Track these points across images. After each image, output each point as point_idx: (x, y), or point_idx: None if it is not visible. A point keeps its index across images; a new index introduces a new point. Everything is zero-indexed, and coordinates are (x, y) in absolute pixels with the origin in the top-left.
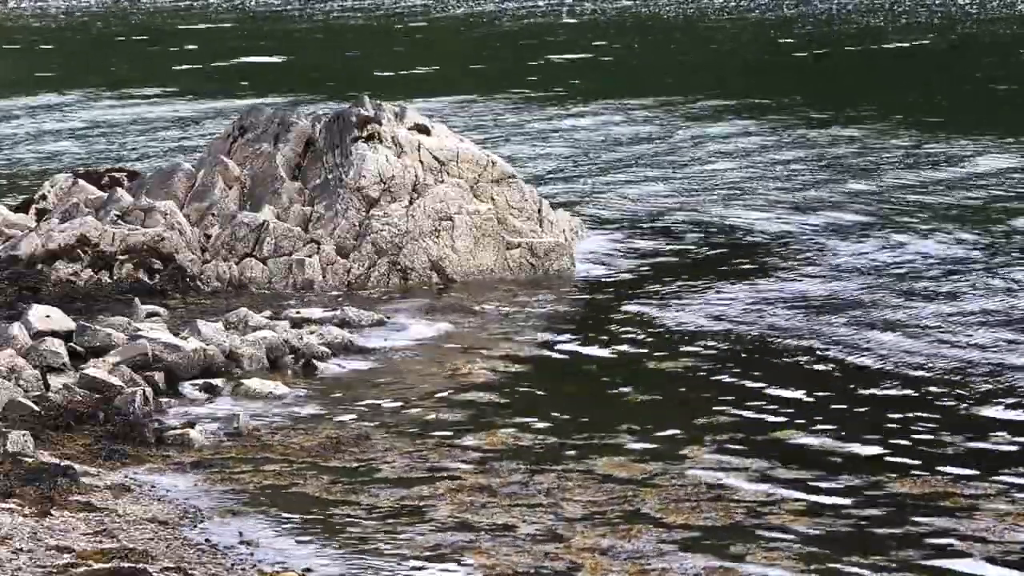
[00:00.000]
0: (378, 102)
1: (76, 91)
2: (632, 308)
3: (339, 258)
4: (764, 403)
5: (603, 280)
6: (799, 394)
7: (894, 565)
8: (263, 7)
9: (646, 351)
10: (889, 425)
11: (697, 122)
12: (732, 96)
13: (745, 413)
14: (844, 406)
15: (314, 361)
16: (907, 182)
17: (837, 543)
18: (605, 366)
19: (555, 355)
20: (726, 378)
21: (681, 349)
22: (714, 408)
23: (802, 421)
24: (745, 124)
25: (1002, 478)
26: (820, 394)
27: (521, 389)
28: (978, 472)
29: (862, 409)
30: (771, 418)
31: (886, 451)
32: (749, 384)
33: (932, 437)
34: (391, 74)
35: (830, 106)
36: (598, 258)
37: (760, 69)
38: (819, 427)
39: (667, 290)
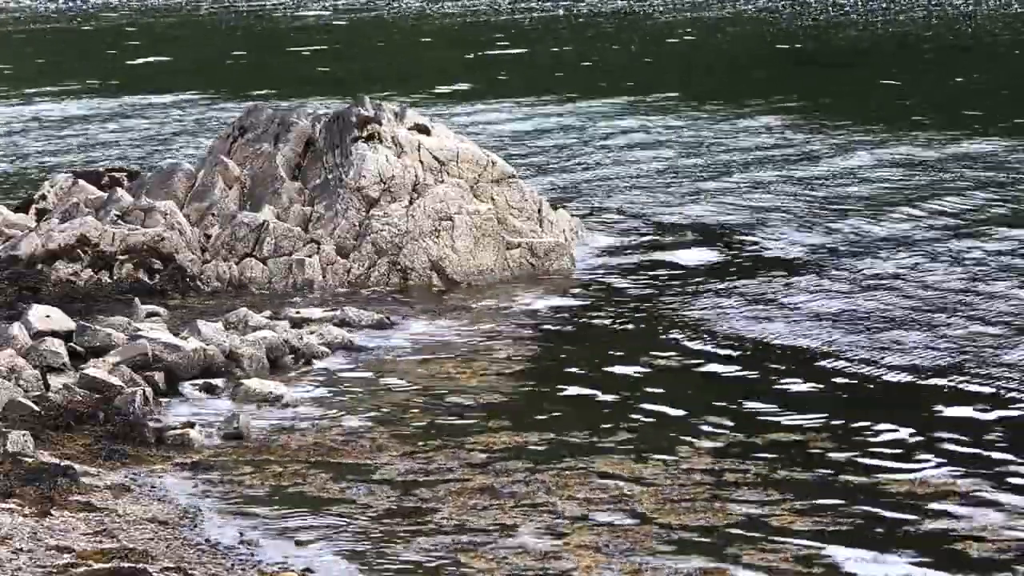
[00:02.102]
0: (378, 102)
1: (76, 91)
2: (632, 308)
3: (339, 258)
4: (762, 403)
5: (603, 280)
6: (798, 394)
7: (892, 564)
8: (254, 7)
9: (646, 351)
10: (887, 424)
11: (697, 122)
12: (732, 96)
13: (743, 413)
14: (842, 406)
15: (314, 361)
16: (907, 181)
17: (835, 543)
18: (604, 366)
19: (555, 355)
20: (725, 378)
21: (681, 349)
22: (712, 408)
23: (800, 421)
24: (745, 125)
25: (1000, 477)
26: (818, 394)
27: (520, 389)
28: (976, 471)
29: (860, 409)
30: (769, 418)
31: (883, 450)
32: (748, 384)
33: (930, 436)
34: (389, 73)
35: (830, 106)
36: (598, 258)
37: (759, 69)
38: (817, 427)
39: (667, 290)
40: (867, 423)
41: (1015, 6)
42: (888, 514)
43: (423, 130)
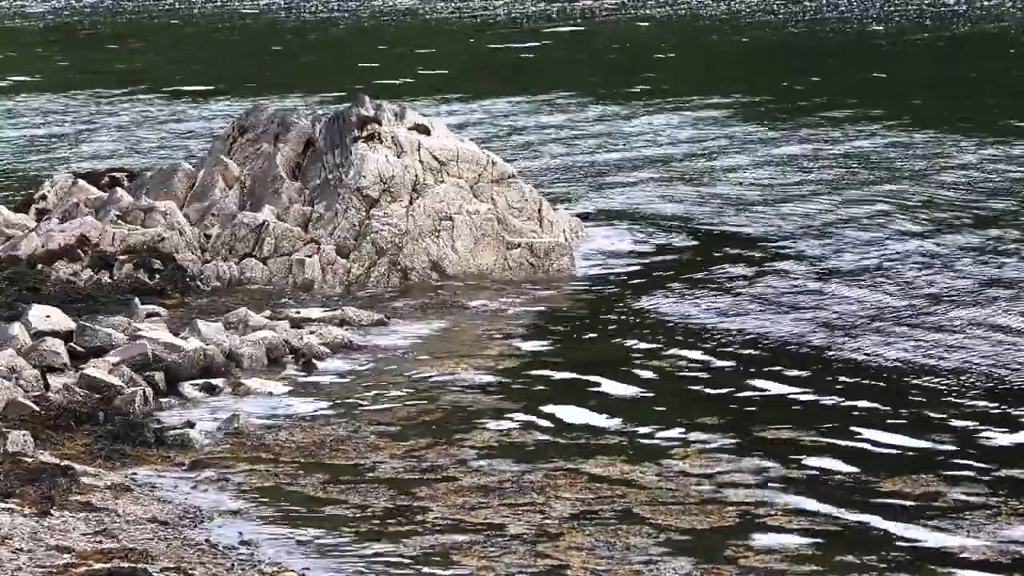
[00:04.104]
0: (378, 102)
1: (75, 90)
2: (631, 308)
3: (339, 258)
4: (758, 403)
5: (603, 280)
6: (794, 395)
7: (886, 566)
8: (248, 7)
9: (644, 351)
10: (881, 425)
11: (696, 122)
12: (730, 96)
13: (739, 413)
14: (838, 406)
15: (314, 361)
16: (905, 182)
17: (829, 544)
18: (602, 366)
19: (553, 355)
20: (721, 378)
21: (679, 349)
22: (708, 408)
23: (796, 422)
24: (744, 124)
25: (995, 478)
26: (814, 394)
27: (518, 389)
28: (971, 472)
29: (855, 409)
30: (765, 418)
31: (878, 451)
32: (744, 384)
33: (924, 436)
34: (387, 73)
35: (827, 106)
36: (598, 258)
37: (757, 70)
38: (812, 428)
39: (666, 290)
40: (863, 422)
41: (1008, 4)
42: (883, 514)
43: (423, 130)
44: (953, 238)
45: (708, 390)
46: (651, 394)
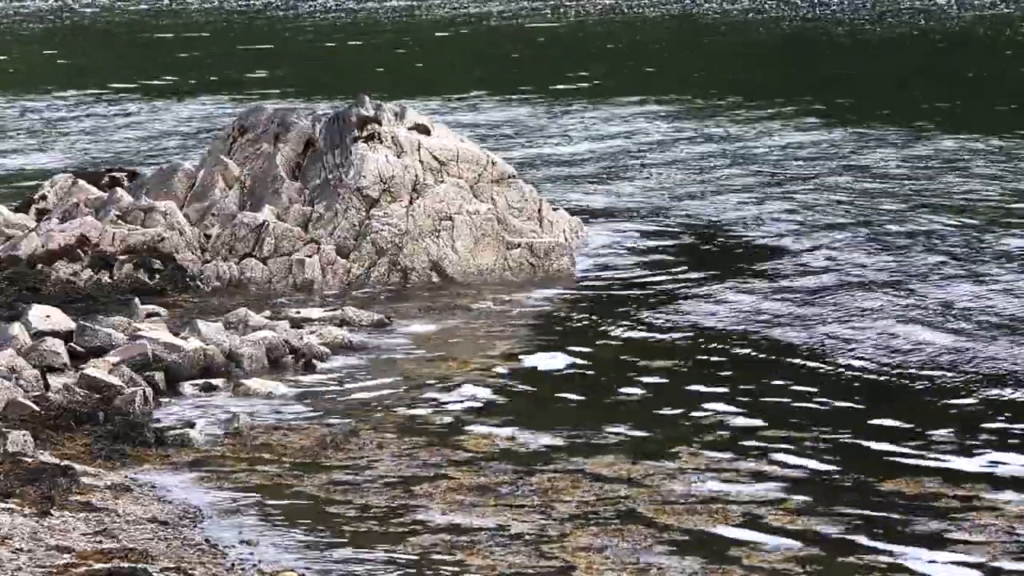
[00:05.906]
0: (378, 102)
1: (76, 90)
2: (631, 308)
3: (339, 258)
4: (759, 403)
5: (603, 280)
6: (794, 395)
7: (887, 566)
8: (245, 7)
9: (644, 351)
10: (882, 425)
11: (696, 122)
12: (728, 96)
13: (740, 413)
14: (839, 407)
15: (314, 361)
16: (904, 182)
17: (831, 544)
18: (602, 366)
19: (553, 355)
20: (722, 378)
21: (679, 350)
22: (709, 409)
23: (796, 422)
24: (742, 124)
25: (996, 478)
26: (815, 395)
27: (518, 389)
28: (971, 472)
29: (856, 409)
30: (766, 419)
31: (879, 451)
32: (745, 385)
33: (924, 437)
34: (386, 72)
35: (824, 106)
36: (598, 258)
37: (755, 70)
38: (813, 428)
39: (666, 291)
40: (864, 422)
41: (1001, 6)
42: (886, 513)
43: (423, 130)
44: (946, 236)
45: (708, 389)
46: (652, 393)
